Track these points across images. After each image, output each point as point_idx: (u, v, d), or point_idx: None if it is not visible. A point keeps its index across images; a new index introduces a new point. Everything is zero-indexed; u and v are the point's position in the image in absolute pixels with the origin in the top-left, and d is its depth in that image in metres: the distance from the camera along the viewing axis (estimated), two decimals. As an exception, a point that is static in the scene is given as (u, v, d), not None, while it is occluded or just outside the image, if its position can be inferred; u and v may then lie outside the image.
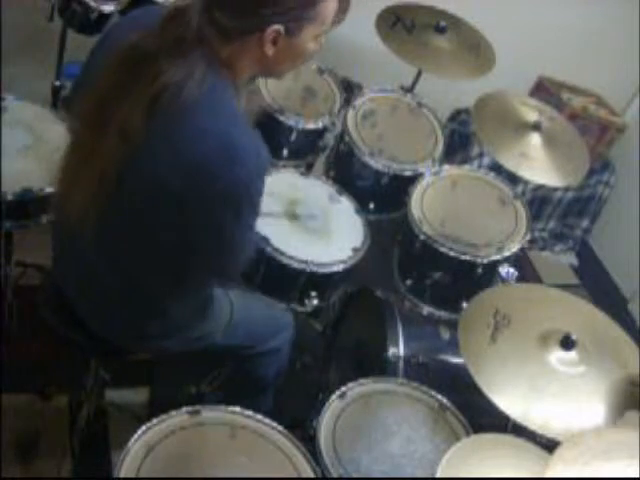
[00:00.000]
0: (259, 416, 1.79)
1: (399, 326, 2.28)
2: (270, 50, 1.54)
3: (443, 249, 2.40)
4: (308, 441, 1.82)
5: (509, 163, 2.47)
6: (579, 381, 1.79)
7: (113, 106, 1.50)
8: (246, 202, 1.58)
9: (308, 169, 2.71)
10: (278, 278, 2.31)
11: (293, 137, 2.64)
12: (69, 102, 2.19)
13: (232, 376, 2.30)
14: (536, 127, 2.54)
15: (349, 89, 2.85)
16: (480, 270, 2.40)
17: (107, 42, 1.68)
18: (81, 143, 1.59)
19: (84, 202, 1.55)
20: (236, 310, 2.00)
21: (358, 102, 2.80)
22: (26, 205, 2.16)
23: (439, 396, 2.02)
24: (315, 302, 2.35)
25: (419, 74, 2.90)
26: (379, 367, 2.22)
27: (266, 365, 2.17)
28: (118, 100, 1.49)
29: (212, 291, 1.90)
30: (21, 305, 2.55)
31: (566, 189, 3.64)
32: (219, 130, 1.52)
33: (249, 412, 1.79)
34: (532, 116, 2.59)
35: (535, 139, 2.53)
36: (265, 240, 2.26)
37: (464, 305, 2.37)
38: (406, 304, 2.51)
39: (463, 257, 2.39)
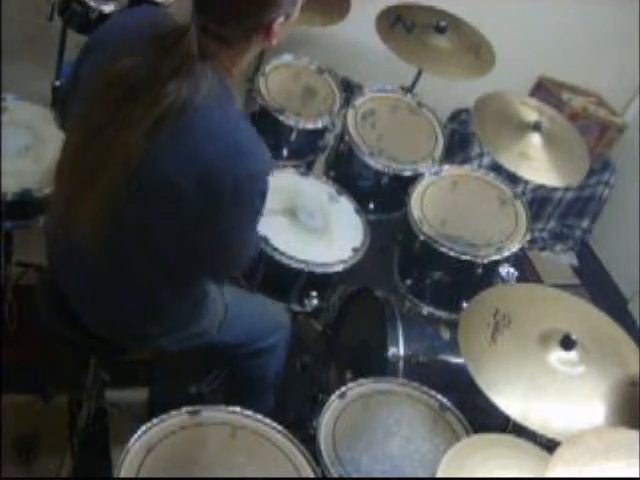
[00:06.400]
0: (259, 416, 1.79)
1: (399, 326, 2.28)
2: (274, 39, 1.57)
3: (443, 249, 2.40)
4: (308, 441, 1.82)
5: (509, 163, 2.47)
6: (579, 381, 1.79)
7: (111, 133, 1.50)
8: (249, 201, 1.60)
9: (308, 169, 2.71)
10: (278, 278, 2.32)
11: (293, 137, 2.65)
12: (59, 109, 2.18)
13: (232, 376, 2.30)
14: (536, 127, 2.54)
15: (349, 89, 2.85)
16: (480, 270, 2.40)
17: (98, 49, 1.65)
18: (80, 164, 1.58)
19: (91, 215, 1.56)
20: (230, 307, 2.00)
21: (358, 102, 2.80)
22: (26, 205, 2.16)
23: (439, 396, 2.02)
24: (315, 302, 2.36)
25: (419, 74, 2.90)
26: (379, 367, 2.22)
27: (263, 365, 2.16)
28: (116, 128, 1.50)
29: (207, 288, 1.90)
30: (21, 305, 2.55)
31: (566, 189, 3.64)
32: (225, 132, 1.54)
33: (249, 412, 1.79)
34: (532, 116, 2.59)
35: (535, 139, 2.53)
36: (265, 240, 2.26)
37: (464, 305, 2.37)
38: (406, 304, 2.50)
39: (463, 257, 2.39)
